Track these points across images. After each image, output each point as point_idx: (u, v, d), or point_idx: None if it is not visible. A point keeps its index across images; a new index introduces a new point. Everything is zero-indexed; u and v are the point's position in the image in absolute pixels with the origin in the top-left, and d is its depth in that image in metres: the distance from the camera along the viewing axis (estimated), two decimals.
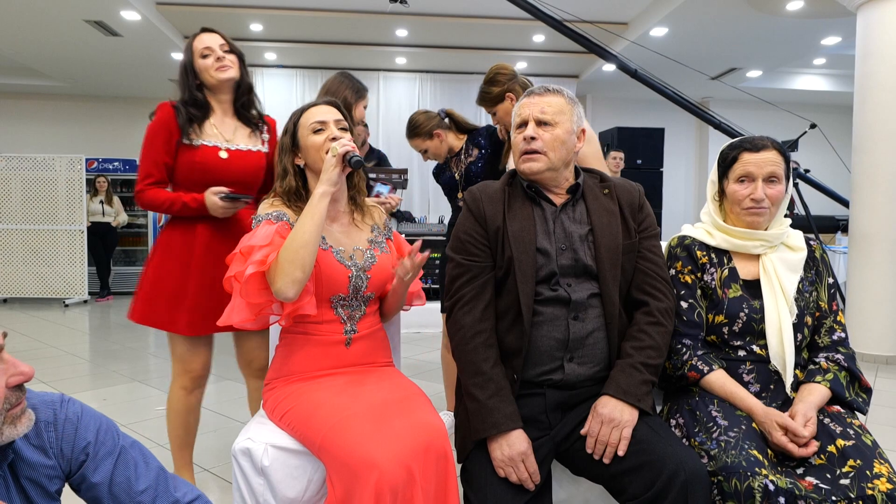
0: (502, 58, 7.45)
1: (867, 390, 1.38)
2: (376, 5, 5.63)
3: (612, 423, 1.24)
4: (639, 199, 1.45)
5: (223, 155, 1.84)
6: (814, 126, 5.14)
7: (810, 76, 8.55)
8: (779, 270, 1.42)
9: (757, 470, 1.14)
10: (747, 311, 1.40)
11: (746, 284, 1.44)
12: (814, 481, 1.16)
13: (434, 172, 2.81)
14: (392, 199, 2.40)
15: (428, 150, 2.66)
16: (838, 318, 1.44)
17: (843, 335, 1.43)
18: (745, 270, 1.46)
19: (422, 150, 2.67)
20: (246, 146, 1.89)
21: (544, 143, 1.38)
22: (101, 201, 7.17)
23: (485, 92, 2.39)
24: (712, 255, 1.48)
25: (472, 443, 1.30)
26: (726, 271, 1.46)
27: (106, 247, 7.31)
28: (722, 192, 1.50)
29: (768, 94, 7.90)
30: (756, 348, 1.40)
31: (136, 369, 3.88)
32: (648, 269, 1.40)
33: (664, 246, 1.56)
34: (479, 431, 1.27)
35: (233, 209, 1.82)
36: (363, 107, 2.38)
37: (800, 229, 1.53)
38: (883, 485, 1.11)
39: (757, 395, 1.36)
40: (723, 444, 1.22)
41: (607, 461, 1.24)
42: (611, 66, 5.83)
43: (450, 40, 7.18)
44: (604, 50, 5.28)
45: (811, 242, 1.50)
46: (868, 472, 1.14)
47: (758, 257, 1.46)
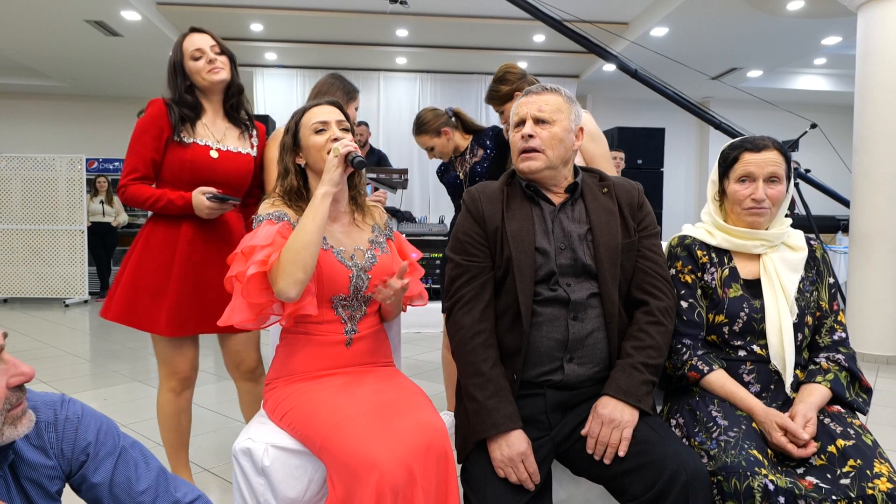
0: (502, 58, 7.45)
1: (867, 390, 1.38)
2: (376, 5, 5.63)
3: (612, 423, 1.24)
4: (638, 198, 1.45)
5: (214, 155, 1.82)
6: (814, 126, 5.13)
7: (811, 76, 8.55)
8: (779, 270, 1.42)
9: (757, 470, 1.14)
10: (748, 310, 1.40)
11: (747, 284, 1.44)
12: (814, 481, 1.16)
13: (438, 172, 2.80)
14: (378, 196, 2.40)
15: (434, 148, 2.64)
16: (839, 318, 1.44)
17: (843, 335, 1.43)
18: (745, 270, 1.46)
19: (428, 147, 2.65)
20: (236, 148, 1.88)
21: (542, 141, 1.38)
22: (102, 201, 7.18)
23: (493, 90, 2.39)
24: (713, 255, 1.48)
25: (472, 443, 1.30)
26: (727, 271, 1.46)
27: (106, 247, 7.32)
28: (722, 192, 1.50)
29: (769, 94, 7.90)
30: (756, 348, 1.40)
31: (137, 369, 3.88)
32: (648, 268, 1.40)
33: (665, 245, 1.56)
34: (478, 432, 1.27)
35: (219, 211, 1.79)
36: (354, 108, 2.37)
37: (800, 229, 1.53)
38: (883, 484, 1.11)
39: (757, 395, 1.36)
40: (723, 443, 1.22)
41: (608, 462, 1.24)
42: (611, 67, 5.83)
43: (450, 40, 7.18)
44: (604, 50, 5.28)
45: (812, 242, 1.50)
46: (868, 471, 1.14)
47: (758, 257, 1.46)
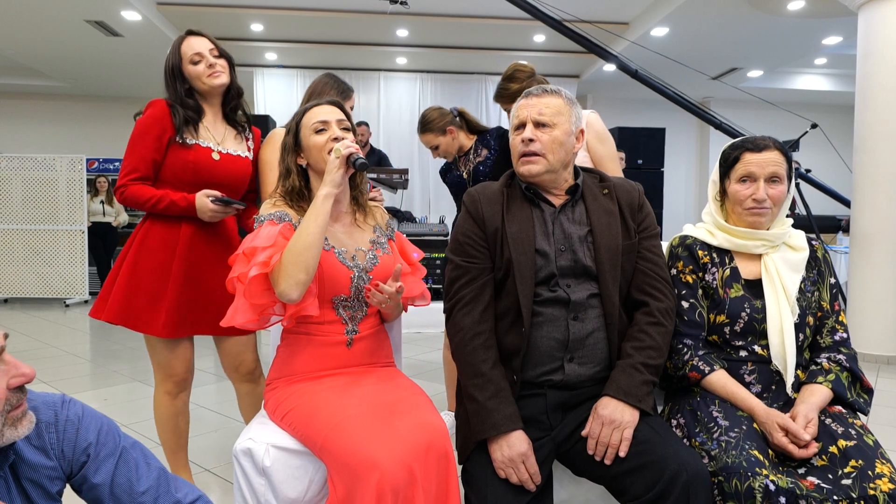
0: (503, 58, 7.46)
1: (868, 391, 1.38)
2: (376, 5, 5.63)
3: (612, 424, 1.24)
4: (638, 199, 1.45)
5: (215, 157, 1.82)
6: (815, 126, 5.13)
7: (811, 76, 8.55)
8: (780, 270, 1.42)
9: (757, 470, 1.14)
10: (749, 311, 1.40)
11: (748, 284, 1.44)
12: (815, 481, 1.16)
13: (441, 171, 2.79)
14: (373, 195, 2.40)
15: (439, 147, 2.62)
16: (840, 319, 1.44)
17: (844, 335, 1.43)
18: (746, 270, 1.45)
19: (433, 146, 2.64)
20: (235, 150, 1.88)
21: (543, 144, 1.37)
22: (102, 201, 7.19)
23: (503, 88, 2.39)
24: (714, 255, 1.48)
25: (473, 444, 1.30)
26: (728, 271, 1.45)
27: (106, 247, 7.33)
28: (723, 192, 1.50)
29: (769, 94, 7.89)
30: (757, 348, 1.40)
31: (137, 369, 3.88)
32: (648, 269, 1.39)
33: (665, 246, 1.56)
34: (479, 433, 1.27)
35: (221, 214, 1.79)
36: (350, 107, 2.37)
37: (801, 229, 1.53)
38: (885, 485, 1.11)
39: (758, 395, 1.36)
40: (723, 444, 1.22)
41: (608, 462, 1.24)
42: (611, 67, 5.82)
43: (450, 40, 7.18)
44: (604, 50, 5.28)
45: (813, 242, 1.50)
46: (870, 472, 1.14)
47: (759, 257, 1.46)
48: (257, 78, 7.99)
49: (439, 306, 1.50)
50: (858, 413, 1.37)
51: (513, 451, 1.23)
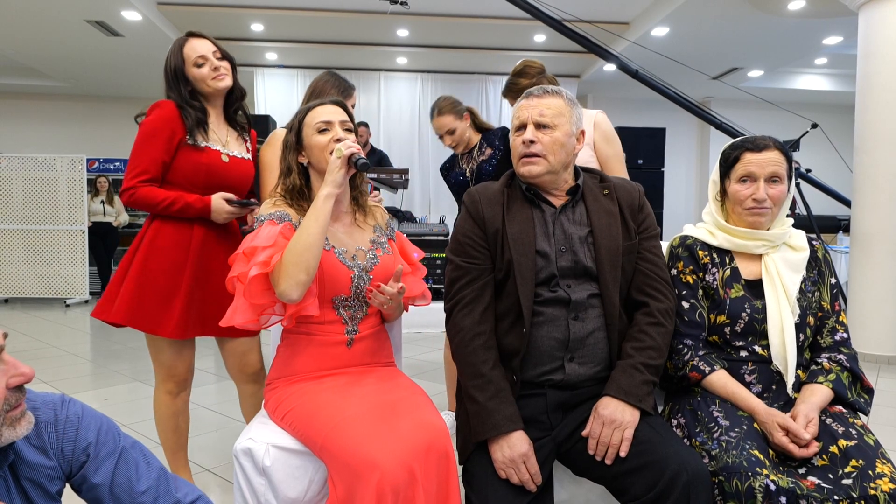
0: (503, 58, 7.46)
1: (869, 391, 1.38)
2: (377, 5, 5.63)
3: (613, 424, 1.24)
4: (639, 200, 1.45)
5: (225, 159, 1.83)
6: (815, 126, 5.13)
7: (812, 76, 8.54)
8: (781, 270, 1.42)
9: (758, 470, 1.14)
10: (749, 311, 1.40)
11: (748, 284, 1.44)
12: (816, 481, 1.15)
13: (442, 169, 2.77)
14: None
15: (455, 132, 2.57)
16: (840, 319, 1.44)
17: (845, 335, 1.43)
18: (747, 270, 1.45)
19: (449, 129, 2.57)
20: (239, 153, 1.89)
21: (543, 146, 1.37)
22: (102, 201, 7.18)
23: (512, 83, 2.38)
24: (714, 255, 1.48)
25: (473, 444, 1.30)
26: (728, 271, 1.45)
27: (107, 247, 7.33)
28: (724, 192, 1.50)
29: (769, 93, 7.89)
30: (758, 349, 1.39)
31: (138, 369, 3.88)
32: (648, 269, 1.39)
33: (665, 246, 1.56)
34: (479, 433, 1.27)
35: (236, 215, 1.80)
36: (351, 105, 2.37)
37: (801, 229, 1.53)
38: (885, 485, 1.11)
39: (759, 395, 1.36)
40: (724, 444, 1.22)
41: (609, 462, 1.23)
42: (612, 67, 5.82)
43: (450, 40, 7.18)
44: (604, 50, 5.28)
45: (813, 242, 1.49)
46: (870, 472, 1.14)
47: (760, 257, 1.46)
48: (257, 78, 7.99)
49: (439, 306, 1.50)
50: (859, 413, 1.37)
51: (513, 451, 1.23)
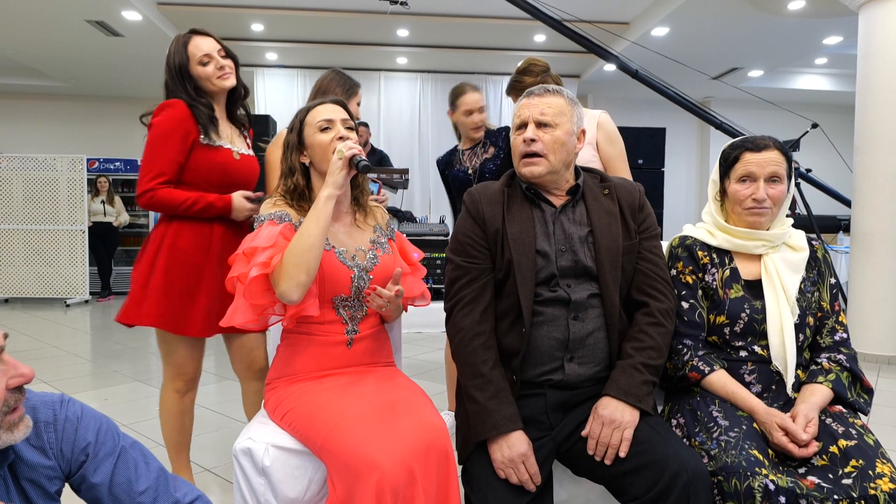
0: (503, 58, 7.46)
1: (869, 391, 1.38)
2: (377, 5, 5.63)
3: (612, 424, 1.24)
4: (639, 200, 1.45)
5: (236, 156, 1.85)
6: (815, 126, 5.13)
7: (812, 76, 8.54)
8: (780, 271, 1.42)
9: (757, 470, 1.13)
10: (749, 311, 1.40)
11: (748, 285, 1.43)
12: (816, 480, 1.15)
13: (441, 164, 2.72)
14: (380, 198, 2.40)
15: (483, 109, 2.57)
16: (840, 319, 1.44)
17: (844, 336, 1.43)
18: (746, 271, 1.45)
19: (481, 106, 2.56)
20: (245, 150, 1.91)
21: (544, 145, 1.37)
22: (103, 201, 7.18)
23: (516, 81, 2.38)
24: (713, 256, 1.48)
25: (473, 444, 1.30)
26: (728, 271, 1.45)
27: (107, 247, 7.33)
28: (723, 192, 1.50)
29: (770, 93, 7.89)
30: (757, 349, 1.39)
31: (138, 369, 3.88)
32: (649, 269, 1.39)
33: (665, 246, 1.56)
34: (479, 433, 1.27)
35: (256, 212, 1.81)
36: (356, 103, 2.36)
37: (801, 229, 1.53)
38: (885, 485, 1.11)
39: (758, 395, 1.36)
40: (723, 444, 1.22)
41: (609, 462, 1.23)
42: (612, 67, 5.82)
43: (451, 40, 7.18)
44: (604, 50, 5.28)
45: (813, 242, 1.49)
46: (871, 472, 1.14)
47: (759, 257, 1.46)
48: (258, 78, 7.99)
49: (439, 306, 1.50)
50: (859, 413, 1.37)
51: (513, 451, 1.23)
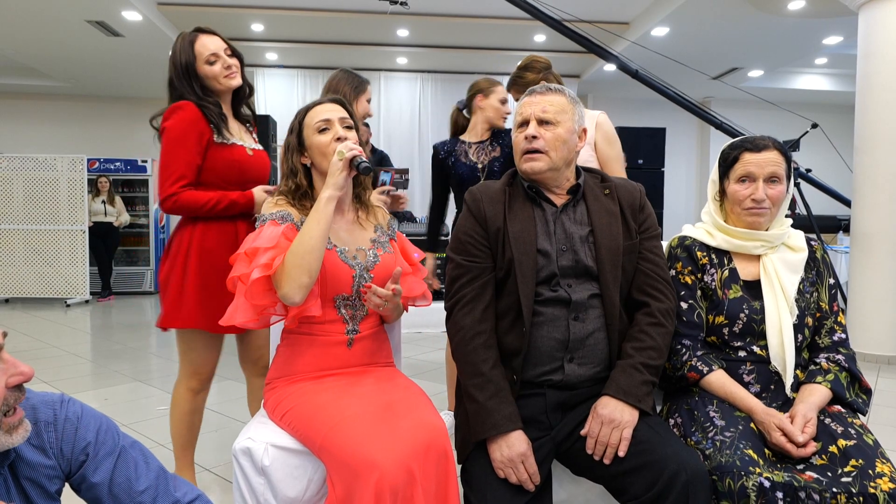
0: (503, 58, 7.46)
1: (867, 391, 1.38)
2: (377, 6, 5.63)
3: (612, 423, 1.24)
4: (640, 200, 1.45)
5: (249, 152, 1.86)
6: (815, 126, 5.12)
7: (812, 76, 8.54)
8: (779, 271, 1.42)
9: (751, 469, 1.13)
10: (747, 311, 1.40)
11: (747, 285, 1.44)
12: (814, 475, 1.16)
13: (443, 150, 2.59)
14: (400, 194, 2.40)
15: (506, 102, 2.53)
16: (839, 319, 1.44)
17: (843, 336, 1.43)
18: (745, 271, 1.45)
19: (504, 98, 2.52)
20: (254, 145, 1.92)
21: (546, 142, 1.38)
22: (104, 201, 7.18)
23: (518, 76, 2.39)
24: (713, 256, 1.48)
25: (472, 444, 1.30)
26: (726, 272, 1.45)
27: (107, 247, 7.33)
28: (723, 192, 1.50)
29: (770, 93, 7.89)
30: (756, 349, 1.39)
31: (138, 369, 3.89)
32: (649, 270, 1.39)
33: (665, 246, 1.56)
34: (478, 433, 1.27)
35: None
36: (366, 100, 2.36)
37: (801, 229, 1.53)
38: (885, 484, 1.11)
39: (757, 395, 1.36)
40: (718, 443, 1.22)
41: (607, 462, 1.24)
42: (612, 67, 5.82)
43: (450, 40, 7.18)
44: (604, 50, 5.28)
45: (812, 243, 1.49)
46: (870, 471, 1.14)
47: (758, 258, 1.46)
48: (258, 78, 7.99)
49: (439, 306, 1.50)
50: (857, 413, 1.37)
51: (512, 451, 1.23)
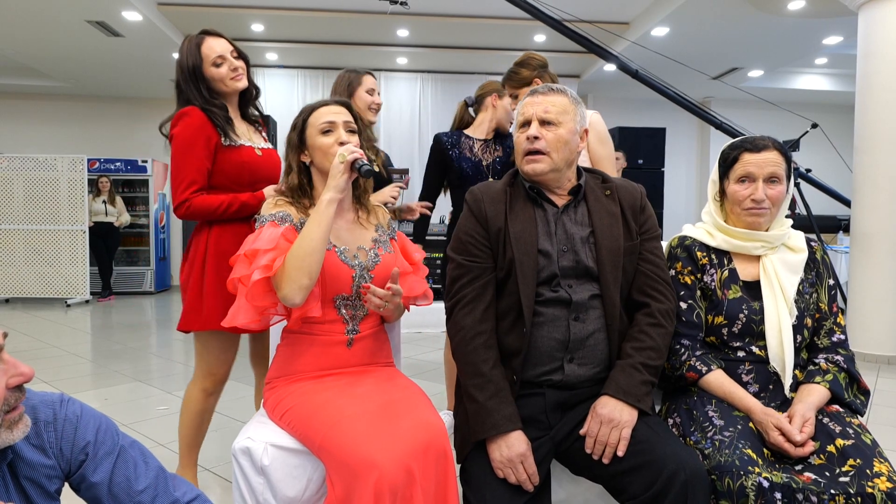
0: (503, 58, 7.45)
1: (865, 392, 1.38)
2: (377, 5, 5.63)
3: (611, 423, 1.24)
4: (640, 201, 1.45)
5: (258, 153, 1.86)
6: (815, 126, 5.12)
7: (812, 76, 8.53)
8: (779, 272, 1.42)
9: (750, 469, 1.14)
10: (747, 312, 1.40)
11: (746, 286, 1.44)
12: (812, 476, 1.16)
13: (447, 141, 2.55)
14: (413, 206, 2.43)
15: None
16: (838, 320, 1.44)
17: (842, 337, 1.43)
18: (745, 271, 1.45)
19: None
20: (264, 145, 1.92)
21: (548, 143, 1.38)
22: (104, 201, 7.19)
23: (513, 72, 2.39)
24: (712, 256, 1.48)
25: (472, 443, 1.30)
26: (726, 272, 1.45)
27: (108, 247, 7.33)
28: (723, 193, 1.50)
29: (770, 93, 7.88)
30: (755, 349, 1.40)
31: (138, 369, 3.89)
32: (649, 270, 1.40)
33: (664, 246, 1.56)
34: (478, 432, 1.28)
35: None
36: (365, 91, 2.34)
37: (801, 229, 1.53)
38: (883, 484, 1.11)
39: (756, 395, 1.36)
40: (717, 443, 1.22)
41: (606, 461, 1.24)
42: (612, 67, 5.82)
43: (451, 40, 7.18)
44: (604, 50, 5.28)
45: (812, 243, 1.50)
46: (868, 470, 1.14)
47: (758, 258, 1.46)
48: (258, 78, 7.94)
49: (440, 306, 1.50)
50: (855, 413, 1.37)
51: (511, 451, 1.23)
